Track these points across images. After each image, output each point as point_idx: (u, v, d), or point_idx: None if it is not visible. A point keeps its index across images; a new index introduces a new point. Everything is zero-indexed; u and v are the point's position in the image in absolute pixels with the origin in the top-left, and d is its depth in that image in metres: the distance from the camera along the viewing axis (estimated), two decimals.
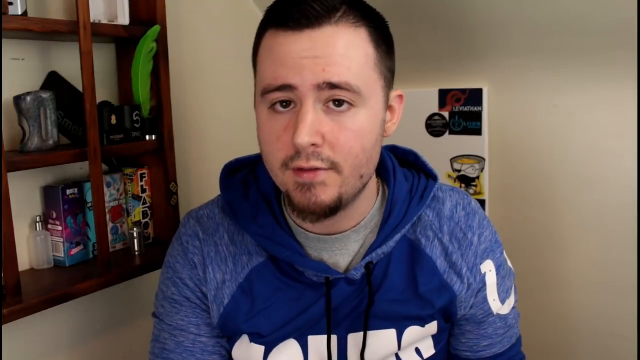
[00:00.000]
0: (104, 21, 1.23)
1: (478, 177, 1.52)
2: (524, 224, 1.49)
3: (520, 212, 1.49)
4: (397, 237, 0.86)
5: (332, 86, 0.72)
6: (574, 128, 1.38)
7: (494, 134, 1.50)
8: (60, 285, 1.13)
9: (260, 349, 0.88)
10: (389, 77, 0.81)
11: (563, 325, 1.47)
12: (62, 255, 1.22)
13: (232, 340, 0.92)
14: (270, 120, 0.76)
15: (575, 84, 1.36)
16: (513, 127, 1.47)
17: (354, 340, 0.88)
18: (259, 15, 0.80)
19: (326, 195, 0.75)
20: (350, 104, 0.74)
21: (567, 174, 1.41)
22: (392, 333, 0.87)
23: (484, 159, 1.50)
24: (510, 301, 0.96)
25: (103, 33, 1.19)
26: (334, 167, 0.75)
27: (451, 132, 1.54)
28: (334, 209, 0.76)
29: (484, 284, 0.91)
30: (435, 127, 1.56)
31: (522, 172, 1.47)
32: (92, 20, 1.14)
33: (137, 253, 1.32)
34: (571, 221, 1.42)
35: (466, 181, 1.54)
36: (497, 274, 0.92)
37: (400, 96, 0.85)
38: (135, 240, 1.32)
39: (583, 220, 1.40)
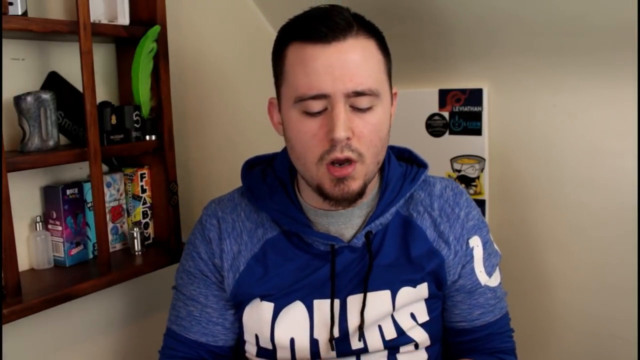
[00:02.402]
0: (104, 21, 1.23)
1: (478, 177, 1.52)
2: (523, 224, 1.49)
3: (520, 212, 1.49)
4: (393, 209, 1.01)
5: (358, 93, 0.88)
6: (574, 128, 1.38)
7: (494, 134, 1.50)
8: (60, 285, 1.13)
9: (270, 306, 1.01)
10: (390, 77, 0.97)
11: (562, 326, 1.47)
12: (62, 255, 1.22)
13: (242, 306, 1.04)
14: (304, 122, 0.90)
15: (575, 84, 1.36)
16: (513, 127, 1.47)
17: (353, 301, 1.00)
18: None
19: (355, 185, 0.92)
20: (371, 105, 0.90)
21: (566, 174, 1.41)
22: (387, 294, 1.00)
23: (484, 159, 1.51)
24: (497, 276, 1.08)
25: (103, 33, 1.19)
26: (360, 157, 0.90)
27: (451, 132, 1.54)
28: (361, 193, 0.93)
29: (472, 257, 1.04)
30: (435, 127, 1.56)
31: (522, 172, 1.47)
32: (92, 20, 1.14)
33: (137, 253, 1.32)
34: (571, 221, 1.42)
35: (466, 181, 1.54)
36: (483, 249, 1.05)
37: (395, 93, 1.01)
38: (135, 240, 1.32)
39: (583, 220, 1.40)
